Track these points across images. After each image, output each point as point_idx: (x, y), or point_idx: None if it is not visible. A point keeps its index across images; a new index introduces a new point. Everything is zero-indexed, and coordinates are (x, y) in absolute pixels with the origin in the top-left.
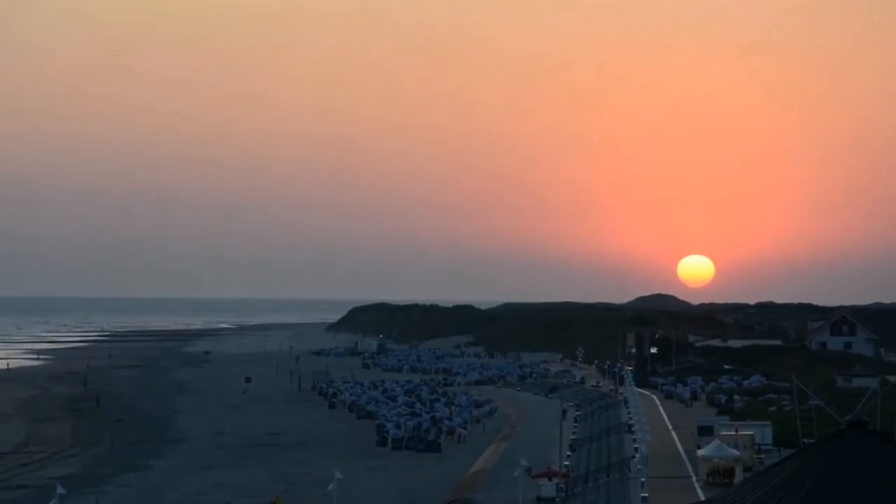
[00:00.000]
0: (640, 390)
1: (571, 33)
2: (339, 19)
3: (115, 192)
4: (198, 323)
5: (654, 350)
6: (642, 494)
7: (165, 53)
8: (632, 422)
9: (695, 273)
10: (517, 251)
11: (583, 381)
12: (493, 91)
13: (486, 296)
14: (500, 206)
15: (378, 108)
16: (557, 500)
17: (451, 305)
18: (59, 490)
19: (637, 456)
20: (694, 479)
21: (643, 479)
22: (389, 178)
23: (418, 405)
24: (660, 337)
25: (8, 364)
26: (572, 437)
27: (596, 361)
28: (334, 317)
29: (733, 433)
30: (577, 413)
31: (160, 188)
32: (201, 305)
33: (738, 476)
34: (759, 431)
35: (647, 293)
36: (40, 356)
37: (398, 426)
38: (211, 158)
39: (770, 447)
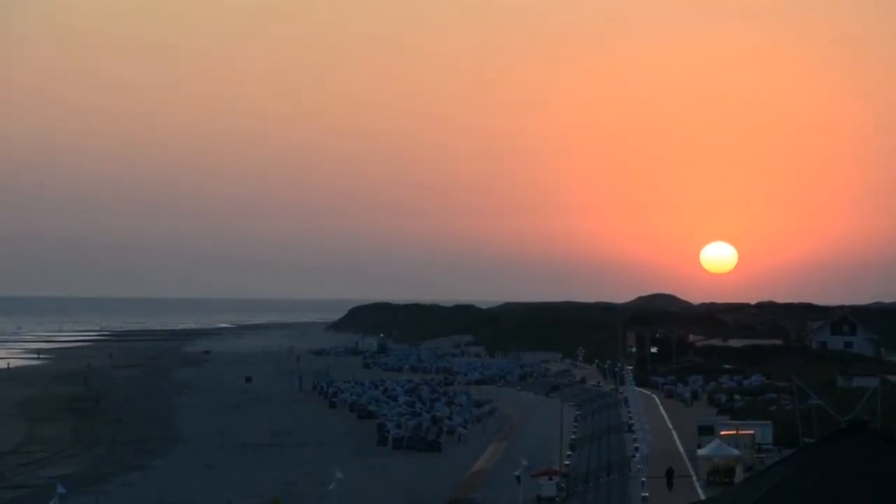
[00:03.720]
0: (641, 390)
1: (573, 22)
2: (337, 19)
3: (115, 192)
4: (198, 323)
5: (654, 350)
6: (643, 494)
7: (163, 56)
8: (632, 421)
9: (717, 262)
10: (517, 251)
11: (583, 380)
12: (493, 89)
13: (486, 295)
14: (500, 205)
15: (378, 108)
16: (558, 499)
17: (451, 305)
18: (60, 489)
19: (637, 455)
20: (694, 478)
21: (643, 479)
22: (390, 177)
23: (419, 405)
24: (660, 336)
25: (8, 364)
26: (573, 436)
27: (596, 361)
28: (335, 316)
29: (734, 432)
30: (578, 412)
31: (160, 188)
32: (201, 305)
33: (739, 475)
34: (760, 431)
35: (647, 293)
36: (40, 356)
37: (399, 426)
38: (211, 158)
39: (770, 446)
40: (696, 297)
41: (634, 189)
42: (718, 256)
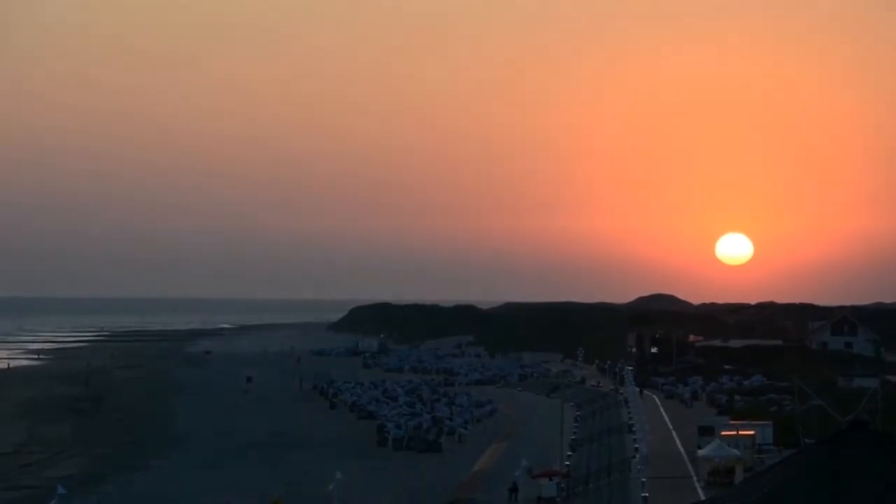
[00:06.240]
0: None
1: (575, 16)
2: (333, 18)
3: (115, 192)
4: (198, 323)
5: (654, 350)
6: (643, 494)
7: (166, 57)
8: (632, 422)
9: (733, 256)
10: (518, 251)
11: (583, 381)
12: (492, 87)
13: (486, 296)
14: (500, 205)
15: (378, 108)
16: (558, 499)
17: (451, 305)
18: (60, 490)
19: (637, 456)
20: (694, 479)
21: (644, 479)
22: (390, 177)
23: (419, 405)
24: (660, 337)
25: (8, 364)
26: (573, 437)
27: (596, 361)
28: (335, 317)
29: (734, 433)
30: (578, 413)
31: (160, 189)
32: (201, 305)
33: (739, 476)
34: (760, 431)
35: (647, 293)
36: (41, 356)
37: (399, 426)
38: (211, 159)
39: (771, 447)
40: (708, 292)
41: (640, 186)
42: (734, 249)
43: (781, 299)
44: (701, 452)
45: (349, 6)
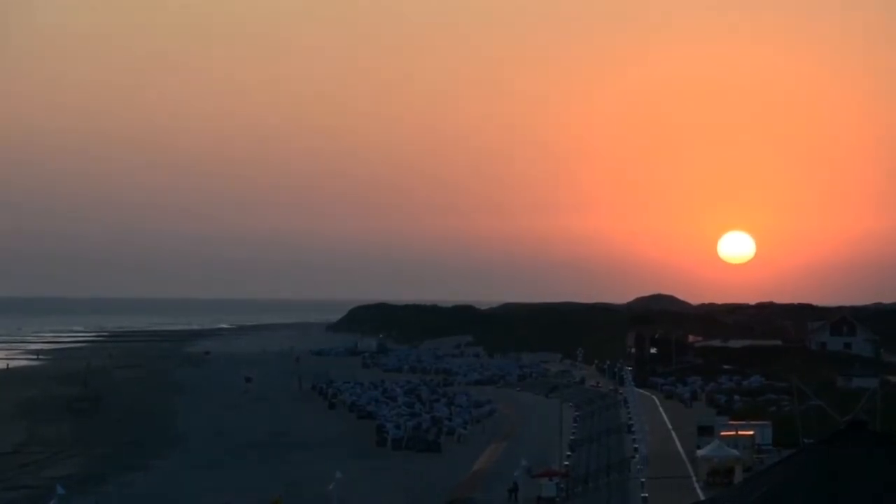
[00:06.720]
0: (640, 390)
1: (574, 16)
2: (330, 17)
3: (115, 192)
4: (198, 323)
5: (653, 350)
6: (642, 494)
7: (166, 58)
8: (631, 422)
9: (735, 255)
10: (517, 251)
11: (582, 381)
12: (491, 88)
13: (486, 296)
14: (499, 205)
15: (377, 108)
16: (558, 499)
17: (450, 305)
18: (59, 490)
19: (637, 456)
20: (694, 479)
21: (643, 480)
22: (390, 177)
23: (418, 405)
24: (659, 337)
25: (8, 364)
26: (572, 437)
27: (596, 361)
28: (334, 317)
29: (733, 433)
30: (577, 413)
31: (159, 188)
32: (201, 305)
33: (738, 476)
34: (759, 431)
35: (646, 293)
36: (40, 356)
37: (398, 426)
38: (210, 159)
39: (770, 447)
40: (710, 292)
41: (640, 185)
42: (736, 248)
43: (781, 299)
44: (700, 452)
45: (348, 7)
